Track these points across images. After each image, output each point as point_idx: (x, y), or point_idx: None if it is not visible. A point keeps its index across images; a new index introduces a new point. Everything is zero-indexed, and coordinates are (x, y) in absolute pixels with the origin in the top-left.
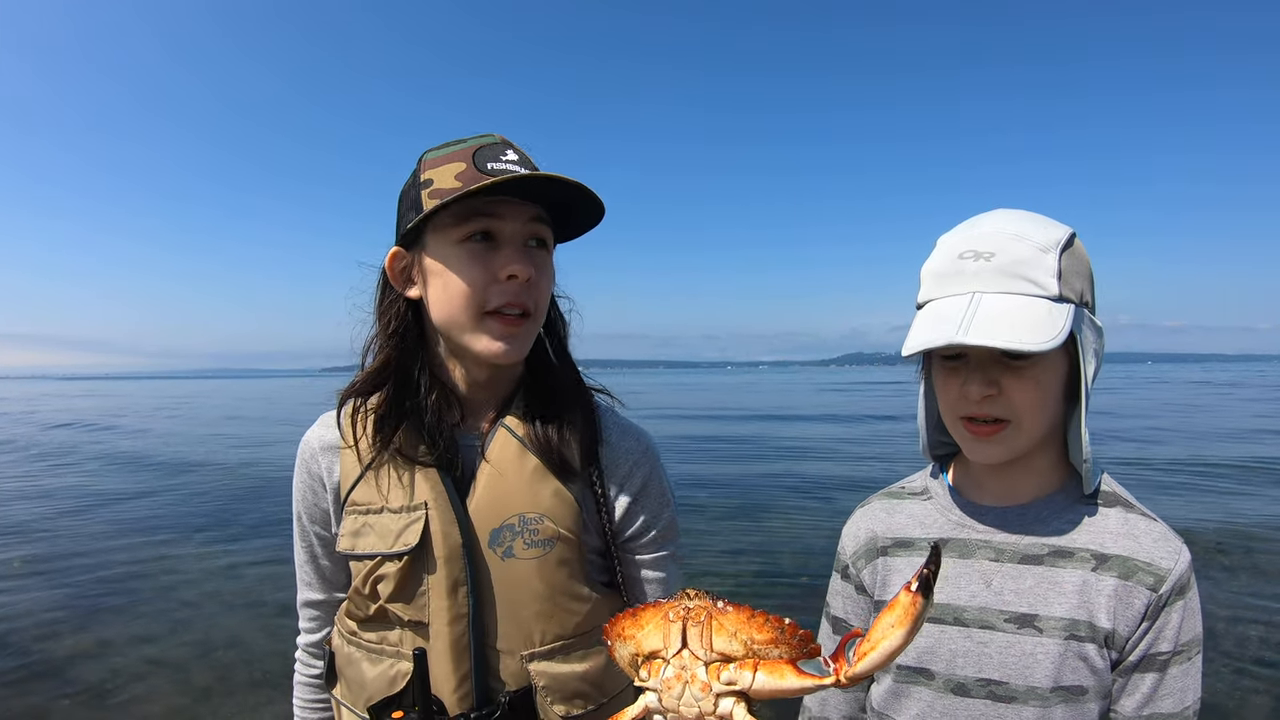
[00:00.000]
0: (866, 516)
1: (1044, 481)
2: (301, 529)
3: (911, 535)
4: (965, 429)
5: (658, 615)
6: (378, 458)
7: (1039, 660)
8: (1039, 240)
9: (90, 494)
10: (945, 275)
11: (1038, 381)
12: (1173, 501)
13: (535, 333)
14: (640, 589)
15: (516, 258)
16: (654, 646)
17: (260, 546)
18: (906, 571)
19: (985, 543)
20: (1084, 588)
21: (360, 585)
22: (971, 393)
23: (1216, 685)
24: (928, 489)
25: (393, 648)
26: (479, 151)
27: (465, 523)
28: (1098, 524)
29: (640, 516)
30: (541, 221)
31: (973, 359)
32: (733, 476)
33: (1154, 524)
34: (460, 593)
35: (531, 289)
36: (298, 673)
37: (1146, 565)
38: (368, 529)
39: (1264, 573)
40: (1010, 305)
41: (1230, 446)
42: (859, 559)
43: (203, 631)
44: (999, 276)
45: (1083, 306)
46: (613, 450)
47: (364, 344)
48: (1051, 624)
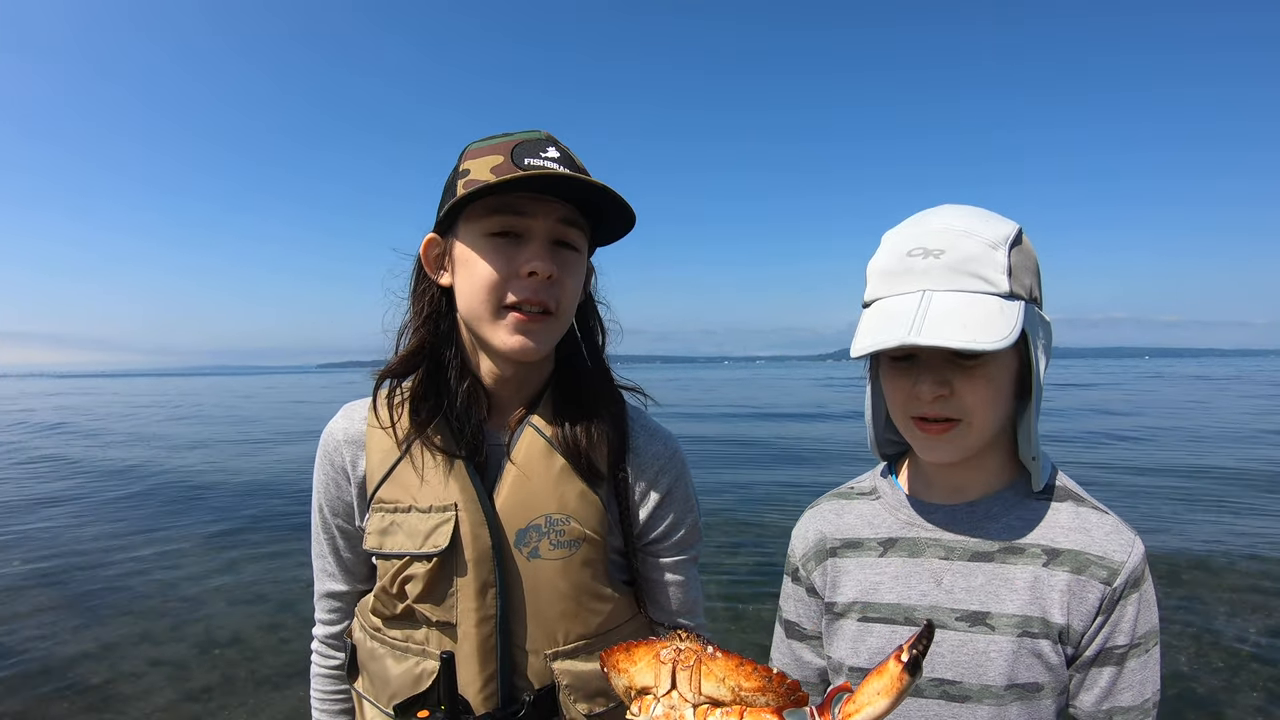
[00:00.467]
0: (815, 518)
1: (993, 478)
2: (323, 520)
3: (860, 535)
4: (916, 428)
5: (650, 654)
6: (406, 451)
7: (992, 658)
8: (988, 236)
9: (88, 493)
10: (894, 273)
11: (989, 380)
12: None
13: (558, 332)
14: (660, 591)
15: (539, 254)
16: (645, 683)
17: (260, 543)
18: (855, 572)
19: (935, 541)
20: (1036, 584)
21: (388, 584)
22: (923, 393)
23: (1214, 682)
24: (876, 489)
25: (418, 646)
26: (519, 146)
27: (494, 523)
28: (1049, 519)
29: (665, 520)
30: (571, 224)
31: (924, 358)
32: (733, 471)
33: (1106, 516)
34: (489, 594)
35: (553, 287)
36: (315, 664)
37: (1099, 559)
38: (395, 528)
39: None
40: (961, 303)
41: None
42: (809, 561)
43: (203, 629)
44: (949, 274)
45: (1032, 302)
46: (640, 454)
47: (399, 328)
48: (1004, 621)
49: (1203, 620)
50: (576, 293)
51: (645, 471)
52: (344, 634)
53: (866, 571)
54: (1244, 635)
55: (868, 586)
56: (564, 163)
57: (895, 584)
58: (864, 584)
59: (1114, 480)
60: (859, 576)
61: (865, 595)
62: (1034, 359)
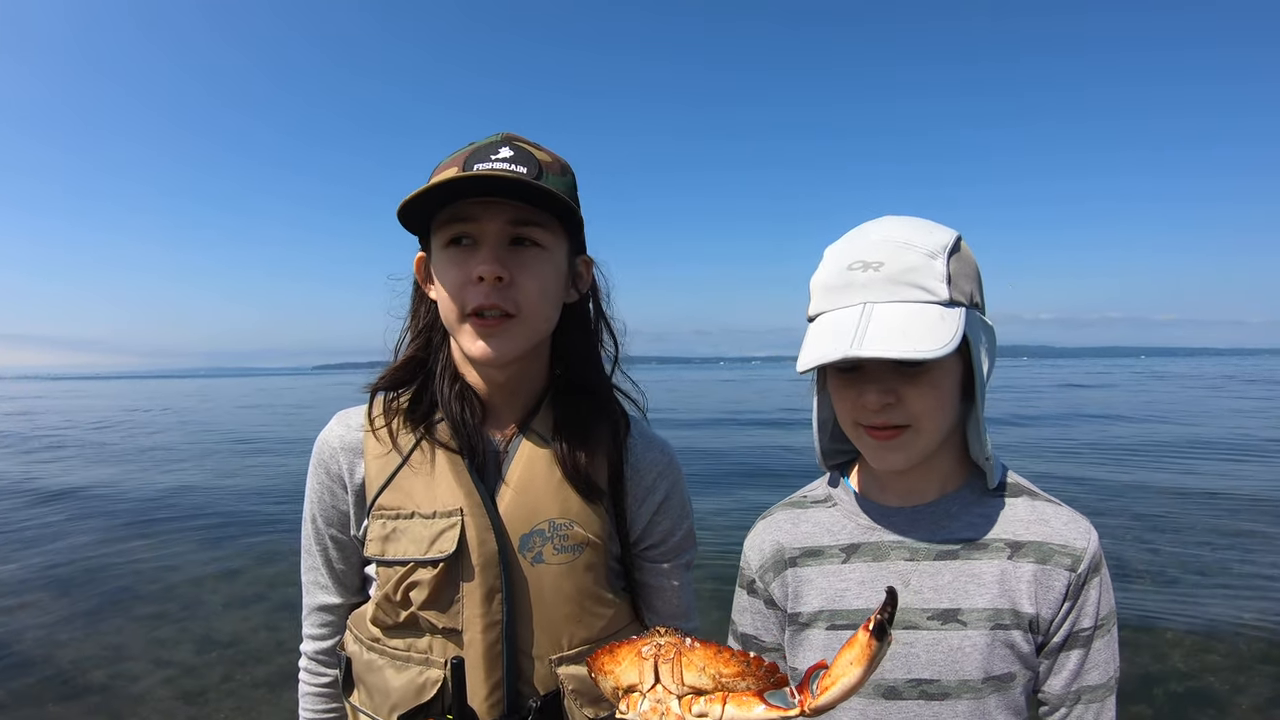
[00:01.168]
0: (770, 528)
1: (948, 480)
2: (315, 531)
3: (821, 543)
4: (866, 435)
5: (632, 652)
6: (407, 458)
7: (967, 653)
8: (926, 246)
9: (86, 497)
10: (835, 287)
11: (934, 385)
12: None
13: (526, 333)
14: (656, 596)
15: (487, 258)
16: (630, 681)
17: (257, 545)
18: (818, 580)
19: (898, 543)
20: (1003, 577)
21: (391, 592)
22: (869, 402)
23: (1215, 680)
24: (831, 496)
25: (421, 655)
26: (474, 153)
27: (499, 528)
28: (1007, 514)
29: (660, 527)
30: (528, 222)
31: (868, 368)
32: (724, 472)
33: (1060, 508)
34: (495, 600)
35: (509, 289)
36: (305, 683)
37: (1062, 547)
38: (399, 534)
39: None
40: (902, 314)
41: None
42: (766, 572)
43: (202, 632)
44: (889, 285)
45: (973, 308)
46: (637, 462)
47: (396, 341)
48: (975, 616)
49: (1203, 616)
50: (543, 291)
51: (642, 479)
52: (335, 649)
53: (831, 579)
54: (1243, 631)
55: (833, 594)
56: (519, 160)
57: (862, 589)
58: (829, 592)
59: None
60: (823, 585)
61: (832, 603)
62: (976, 363)
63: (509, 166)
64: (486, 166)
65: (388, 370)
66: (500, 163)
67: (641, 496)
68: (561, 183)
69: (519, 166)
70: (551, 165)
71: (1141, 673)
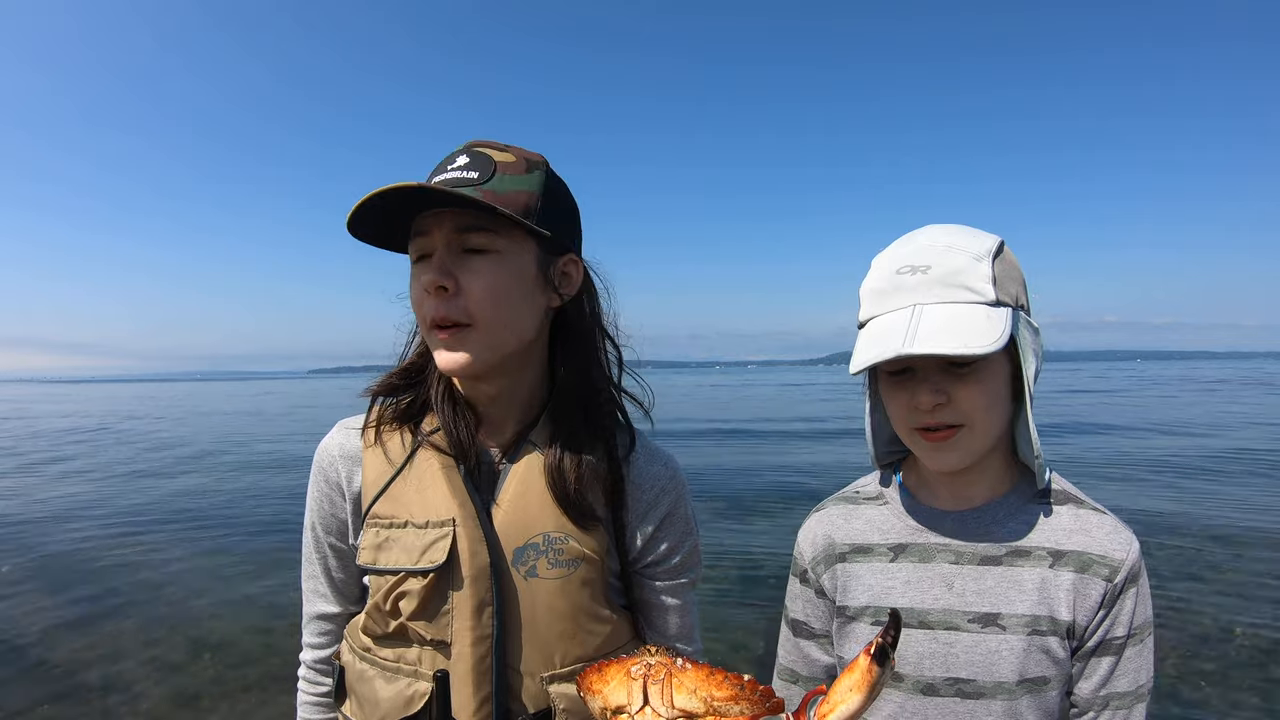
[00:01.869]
0: (823, 522)
1: (995, 484)
2: (315, 539)
3: (870, 541)
4: (921, 438)
5: (621, 671)
6: (402, 467)
7: (1004, 656)
8: (972, 250)
9: (81, 498)
10: (885, 292)
11: (984, 384)
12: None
13: (486, 342)
14: (656, 614)
15: (429, 268)
16: (619, 701)
17: (251, 549)
18: (866, 577)
19: (945, 546)
20: (1043, 584)
21: (381, 601)
22: (922, 402)
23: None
24: (882, 494)
25: (410, 666)
26: (436, 168)
27: (492, 540)
28: (1051, 522)
29: (662, 544)
30: (474, 228)
31: (920, 369)
32: (722, 477)
33: (1105, 517)
34: (485, 613)
35: (457, 298)
36: (303, 691)
37: (1101, 558)
38: (390, 543)
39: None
40: (951, 313)
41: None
42: (818, 564)
43: (195, 634)
44: (937, 287)
45: (1018, 309)
46: (638, 476)
47: (402, 353)
48: (1014, 621)
49: (1195, 618)
50: (494, 296)
51: (644, 494)
52: (333, 658)
53: (878, 576)
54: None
55: (880, 591)
56: (472, 166)
57: (907, 589)
58: (876, 589)
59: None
60: (870, 581)
61: (878, 599)
62: (1023, 362)
63: (461, 174)
64: (440, 177)
65: (385, 375)
66: (454, 171)
67: (642, 512)
68: (520, 181)
69: (470, 172)
70: (512, 165)
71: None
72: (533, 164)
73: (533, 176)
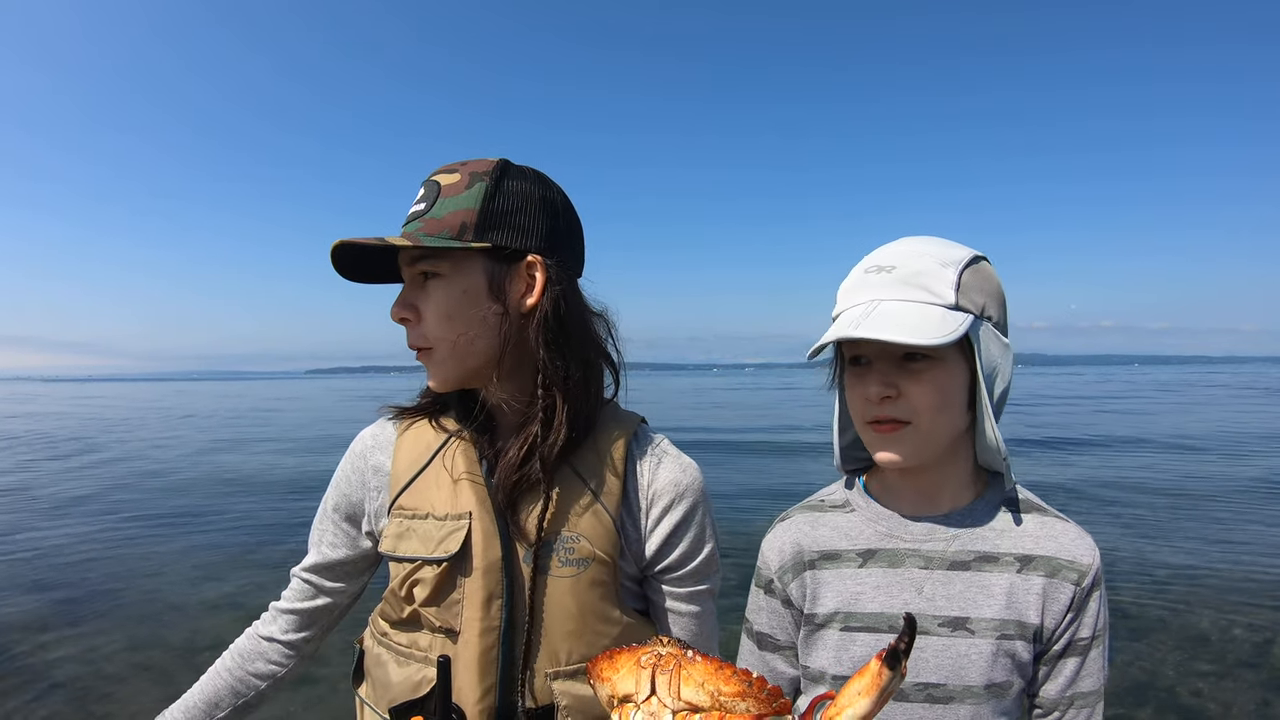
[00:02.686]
0: (790, 529)
1: (961, 491)
2: (324, 512)
3: (838, 547)
4: (871, 430)
5: (632, 660)
6: (429, 463)
7: (973, 661)
8: (941, 257)
9: (71, 496)
10: (850, 288)
11: (935, 384)
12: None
13: (449, 360)
14: (671, 620)
15: (396, 302)
16: (626, 690)
17: (242, 547)
18: (835, 583)
19: (914, 551)
20: (1011, 589)
21: (397, 587)
22: (871, 393)
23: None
24: (848, 501)
25: (421, 652)
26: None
27: (506, 536)
28: (1018, 529)
29: (678, 549)
30: (420, 258)
31: (875, 363)
32: (724, 482)
33: (1068, 524)
34: (494, 605)
35: (419, 326)
36: (252, 629)
37: (1070, 563)
38: (411, 533)
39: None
40: (904, 309)
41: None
42: (785, 573)
43: (186, 634)
44: (897, 286)
45: (985, 319)
46: (656, 479)
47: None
48: (983, 625)
49: (1192, 629)
50: (441, 318)
51: (661, 497)
52: (304, 615)
53: (847, 582)
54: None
55: (849, 597)
56: (424, 199)
57: (877, 594)
58: (845, 594)
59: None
60: (839, 587)
61: (847, 605)
62: (979, 366)
63: (416, 208)
64: (409, 212)
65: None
66: (416, 205)
67: (658, 515)
68: (459, 200)
69: (420, 204)
70: (454, 186)
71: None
72: (476, 176)
73: (472, 192)
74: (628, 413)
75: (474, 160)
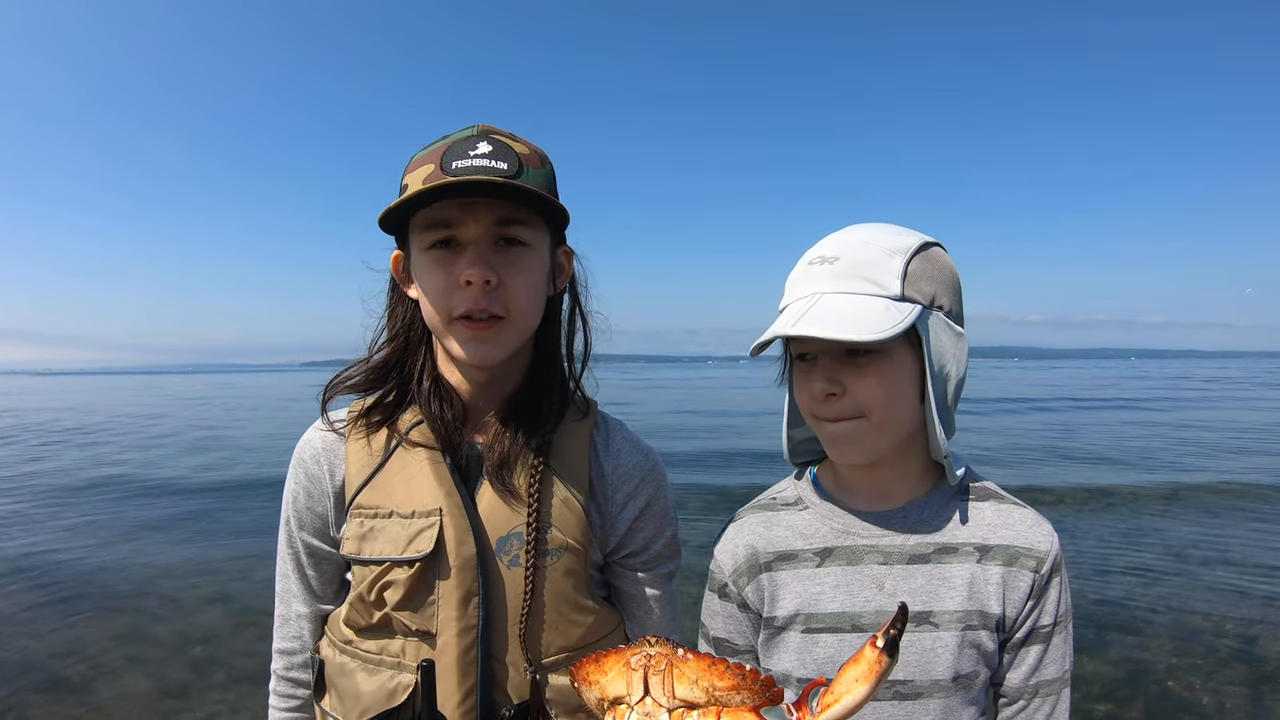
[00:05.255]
0: (743, 532)
1: (916, 483)
2: (289, 535)
3: (794, 547)
4: (823, 426)
5: (620, 662)
6: (387, 458)
7: (939, 654)
8: (887, 245)
9: (64, 489)
10: (795, 280)
11: (882, 378)
12: None
13: (516, 334)
14: (636, 605)
15: (474, 262)
16: (618, 693)
17: (235, 541)
18: (793, 584)
19: (872, 547)
20: (972, 580)
21: (365, 592)
22: (815, 390)
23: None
24: (801, 499)
25: (393, 658)
26: (450, 150)
27: (478, 529)
28: (975, 518)
29: (641, 534)
30: (512, 221)
31: (820, 359)
32: (706, 476)
33: (1025, 511)
34: (472, 603)
35: (498, 292)
36: (274, 708)
37: (1028, 550)
38: (375, 533)
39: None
40: (846, 303)
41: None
42: (740, 576)
43: (180, 627)
44: (840, 278)
45: (935, 309)
46: (620, 466)
47: (372, 341)
48: (946, 618)
49: (1183, 619)
50: (530, 290)
51: (624, 483)
52: (305, 665)
53: (805, 583)
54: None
55: (809, 597)
56: (498, 155)
57: (837, 593)
58: (804, 595)
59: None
60: (798, 588)
61: (807, 606)
62: (926, 358)
63: (489, 163)
64: (465, 164)
65: (360, 371)
66: (479, 159)
67: (622, 502)
68: (541, 176)
69: (499, 162)
70: (530, 158)
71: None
72: (543, 158)
73: (546, 171)
74: (586, 399)
75: (517, 136)
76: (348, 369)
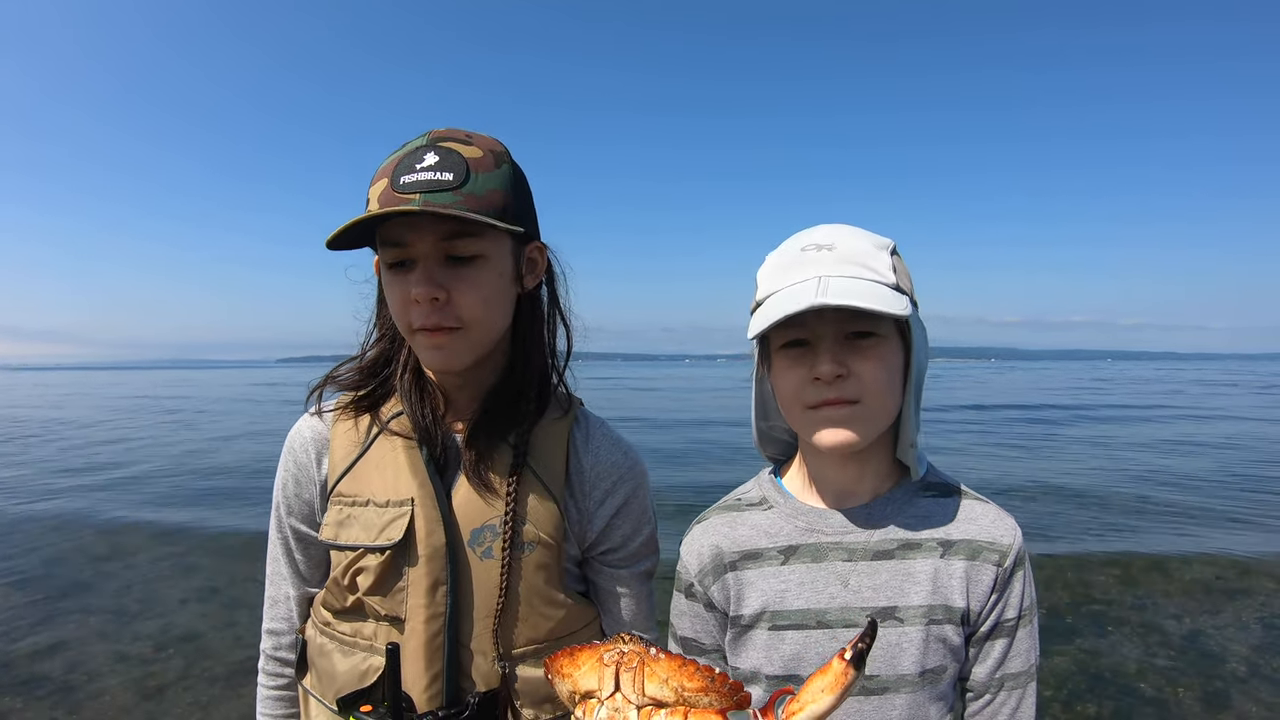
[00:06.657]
0: (708, 532)
1: (880, 479)
2: (278, 521)
3: (759, 546)
4: (819, 411)
5: (593, 657)
6: (367, 448)
7: (905, 649)
8: (872, 240)
9: (44, 487)
10: (788, 266)
11: (882, 360)
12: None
13: (475, 342)
14: (612, 601)
15: (420, 280)
16: (589, 687)
17: (215, 538)
18: (759, 583)
19: (836, 544)
20: (936, 574)
21: (340, 576)
22: (824, 372)
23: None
24: (766, 498)
25: (366, 641)
26: (400, 163)
27: (449, 520)
28: (938, 513)
29: (619, 531)
30: (460, 235)
31: (818, 343)
32: (688, 475)
33: (988, 505)
34: (439, 592)
35: (449, 306)
36: (262, 685)
37: (990, 544)
38: (352, 520)
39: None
40: (858, 285)
41: None
42: (706, 576)
43: (160, 626)
44: (841, 263)
45: (914, 304)
46: (598, 463)
47: (364, 340)
48: (911, 613)
49: (1153, 619)
50: (483, 301)
51: (602, 480)
52: (293, 645)
53: (771, 581)
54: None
55: (774, 595)
56: (443, 165)
57: (802, 590)
58: (770, 593)
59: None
60: (763, 586)
61: (773, 604)
62: (914, 350)
63: (434, 175)
64: (411, 179)
65: (353, 369)
66: (425, 171)
67: (600, 498)
68: (494, 178)
69: (443, 173)
70: (482, 161)
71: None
72: (499, 157)
73: (501, 171)
74: (567, 396)
75: (473, 134)
76: (340, 365)
